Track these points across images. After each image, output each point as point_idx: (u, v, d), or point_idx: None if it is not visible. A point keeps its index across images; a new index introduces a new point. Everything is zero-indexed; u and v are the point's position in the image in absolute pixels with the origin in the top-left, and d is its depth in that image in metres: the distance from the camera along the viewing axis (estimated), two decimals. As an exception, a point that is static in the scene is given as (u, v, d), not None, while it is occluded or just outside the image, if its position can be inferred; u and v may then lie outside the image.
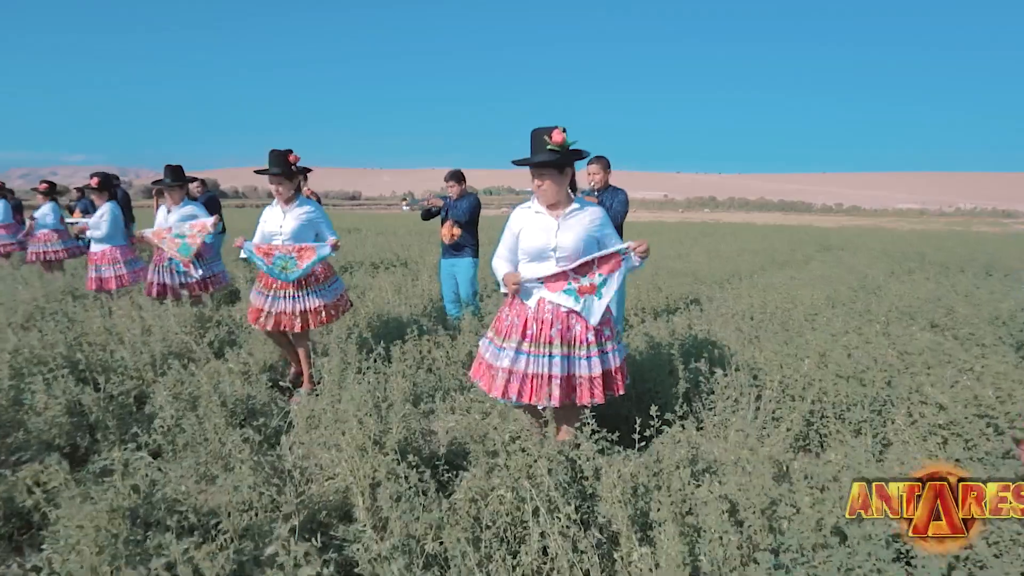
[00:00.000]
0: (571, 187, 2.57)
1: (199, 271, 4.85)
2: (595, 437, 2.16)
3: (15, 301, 4.93)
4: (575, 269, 2.48)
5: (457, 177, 4.89)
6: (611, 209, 4.00)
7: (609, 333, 2.58)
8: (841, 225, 34.30)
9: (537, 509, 1.94)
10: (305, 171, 4.06)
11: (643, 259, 2.53)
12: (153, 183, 5.33)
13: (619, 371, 2.59)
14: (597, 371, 2.49)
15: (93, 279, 5.25)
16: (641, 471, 2.12)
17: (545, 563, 1.85)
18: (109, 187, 5.32)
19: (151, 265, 4.83)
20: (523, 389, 2.46)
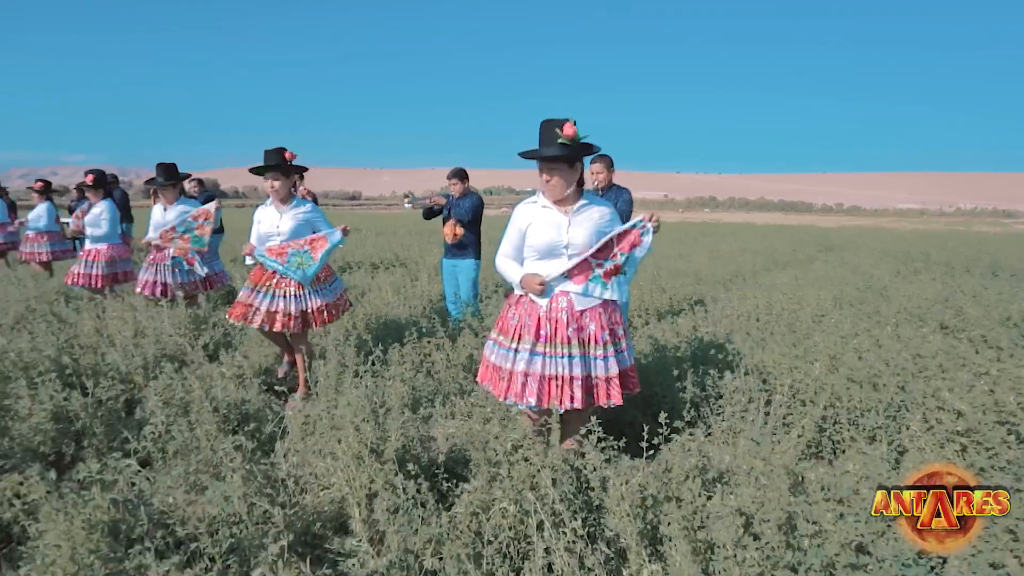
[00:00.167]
0: (579, 182, 2.47)
1: (204, 269, 4.73)
2: (601, 445, 2.07)
3: (6, 302, 4.83)
4: (594, 254, 2.39)
5: (460, 175, 4.79)
6: (616, 209, 3.91)
7: (623, 332, 2.50)
8: (841, 225, 34.20)
9: (542, 523, 1.85)
10: (301, 170, 3.96)
11: (655, 231, 2.47)
12: (146, 182, 5.22)
13: (632, 369, 2.52)
14: (614, 371, 2.40)
15: (81, 275, 5.09)
16: (650, 482, 2.02)
17: (550, 581, 1.76)
18: (104, 184, 5.25)
19: (148, 264, 4.69)
20: (542, 392, 2.35)
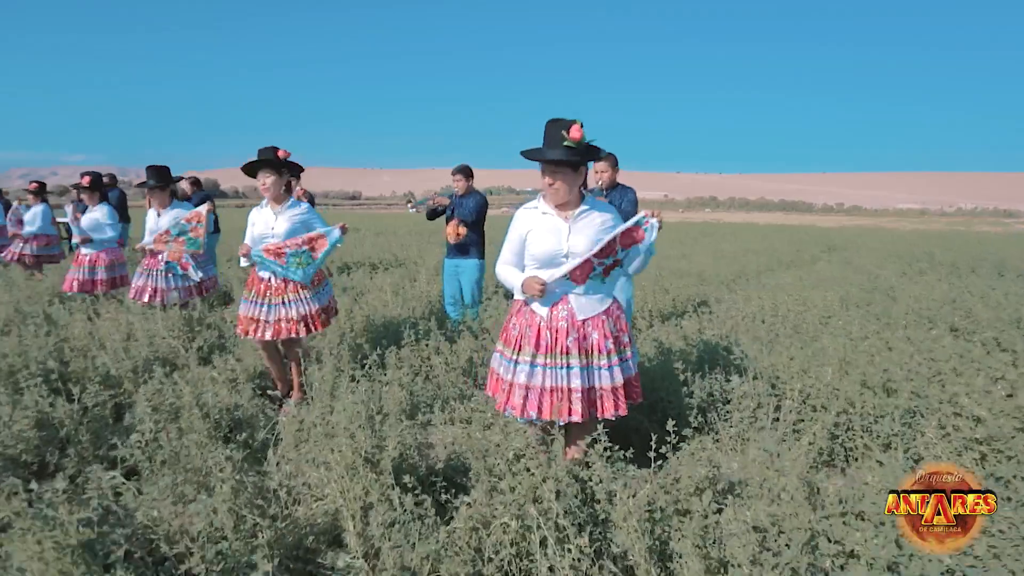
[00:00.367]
0: (583, 185, 2.37)
1: (198, 274, 4.63)
2: (607, 455, 1.97)
3: (-4, 304, 4.73)
4: (597, 254, 2.29)
5: (465, 172, 4.68)
6: (620, 209, 3.83)
7: (627, 339, 2.40)
8: (842, 225, 34.10)
9: (545, 539, 1.75)
10: (296, 168, 3.84)
11: (659, 227, 2.33)
12: (137, 185, 5.12)
13: (636, 378, 2.42)
14: (619, 381, 2.30)
15: (82, 281, 5.05)
16: (659, 494, 1.93)
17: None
18: (100, 187, 5.16)
19: (142, 270, 4.59)
20: (542, 405, 2.25)
